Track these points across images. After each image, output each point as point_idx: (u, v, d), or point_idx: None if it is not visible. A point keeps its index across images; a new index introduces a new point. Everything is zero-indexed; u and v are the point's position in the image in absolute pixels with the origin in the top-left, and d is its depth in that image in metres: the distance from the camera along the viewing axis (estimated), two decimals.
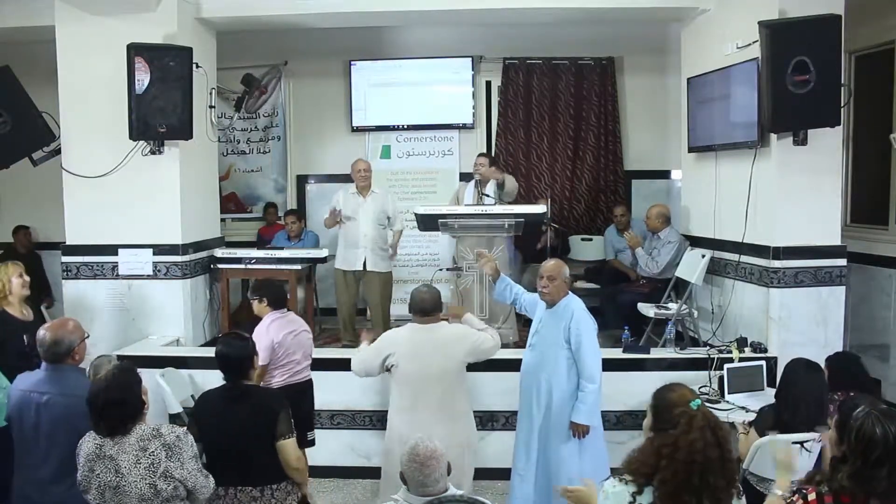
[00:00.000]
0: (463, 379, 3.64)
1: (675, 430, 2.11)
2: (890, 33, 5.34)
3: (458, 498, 2.34)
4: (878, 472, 2.01)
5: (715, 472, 2.06)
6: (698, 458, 2.06)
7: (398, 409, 3.59)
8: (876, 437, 2.01)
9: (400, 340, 3.59)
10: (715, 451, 2.07)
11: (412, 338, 3.57)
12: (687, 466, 2.05)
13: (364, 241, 5.59)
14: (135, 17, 4.97)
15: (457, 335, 3.62)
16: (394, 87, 6.89)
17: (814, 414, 3.23)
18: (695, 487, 2.05)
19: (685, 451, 2.06)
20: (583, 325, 3.64)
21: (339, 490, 4.53)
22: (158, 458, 2.46)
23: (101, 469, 2.46)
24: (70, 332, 2.98)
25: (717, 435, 2.10)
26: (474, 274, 5.12)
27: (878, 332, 5.40)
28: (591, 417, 3.63)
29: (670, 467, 2.07)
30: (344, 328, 5.79)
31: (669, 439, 2.10)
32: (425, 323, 3.58)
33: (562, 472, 3.62)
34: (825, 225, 4.69)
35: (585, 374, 3.61)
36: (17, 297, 4.00)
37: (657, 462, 2.10)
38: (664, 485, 2.07)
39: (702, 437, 2.07)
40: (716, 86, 5.13)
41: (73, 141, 5.06)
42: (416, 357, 3.51)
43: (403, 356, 3.52)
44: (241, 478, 2.84)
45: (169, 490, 2.47)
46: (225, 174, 7.00)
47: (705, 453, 2.06)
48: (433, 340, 3.54)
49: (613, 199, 6.81)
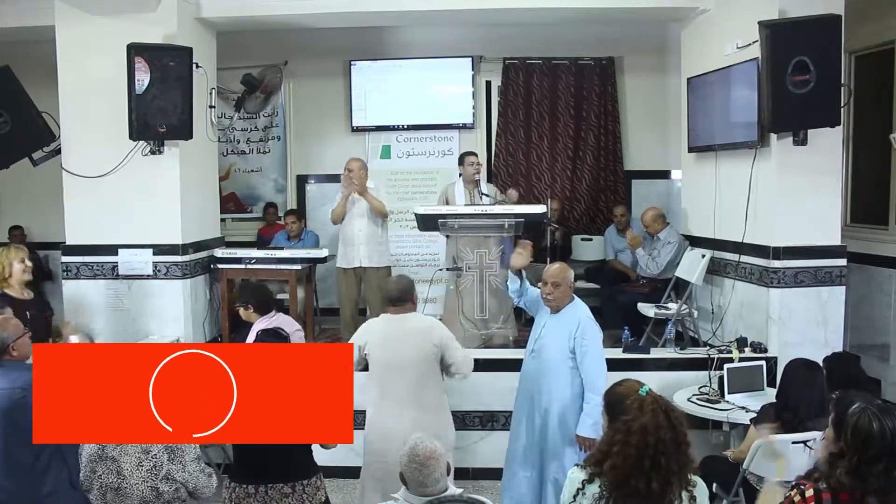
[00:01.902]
0: (436, 372, 3.54)
1: (626, 416, 2.13)
2: (890, 33, 5.34)
3: (457, 498, 2.34)
4: (875, 468, 2.02)
5: (668, 454, 2.07)
6: (650, 439, 2.07)
7: (369, 399, 3.55)
8: (873, 432, 2.02)
9: (371, 329, 3.59)
10: (668, 433, 2.09)
11: (384, 327, 3.56)
12: (639, 450, 2.07)
13: (360, 237, 5.60)
14: (135, 17, 4.96)
15: (427, 325, 3.58)
16: (394, 87, 6.89)
17: (814, 413, 3.24)
18: (645, 470, 2.06)
19: (638, 434, 2.08)
20: (588, 336, 3.57)
21: (339, 490, 4.52)
22: (161, 460, 2.47)
23: (102, 470, 2.46)
24: (4, 330, 2.94)
25: (669, 417, 2.11)
26: (474, 274, 5.12)
27: (878, 332, 5.39)
28: (597, 430, 3.56)
29: (622, 452, 2.09)
30: (345, 327, 5.79)
31: (622, 425, 2.13)
32: (396, 312, 3.57)
33: (559, 480, 3.59)
34: (825, 225, 4.69)
35: (590, 386, 3.52)
36: (18, 281, 4.01)
37: (609, 449, 2.12)
38: (614, 469, 2.09)
39: (653, 419, 2.09)
40: (716, 86, 5.13)
41: (73, 141, 5.06)
42: (386, 346, 3.49)
43: (375, 345, 3.50)
44: (272, 475, 2.79)
45: (171, 492, 2.48)
46: (225, 174, 7.00)
47: (658, 435, 2.08)
48: (403, 329, 3.51)
49: (613, 199, 6.80)
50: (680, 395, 4.33)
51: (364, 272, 5.65)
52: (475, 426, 4.66)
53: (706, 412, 4.12)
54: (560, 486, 3.52)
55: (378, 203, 5.56)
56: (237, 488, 2.78)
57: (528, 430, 3.70)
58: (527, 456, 3.69)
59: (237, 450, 2.80)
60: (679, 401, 4.23)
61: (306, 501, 2.81)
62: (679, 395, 4.33)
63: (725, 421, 4.05)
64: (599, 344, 3.64)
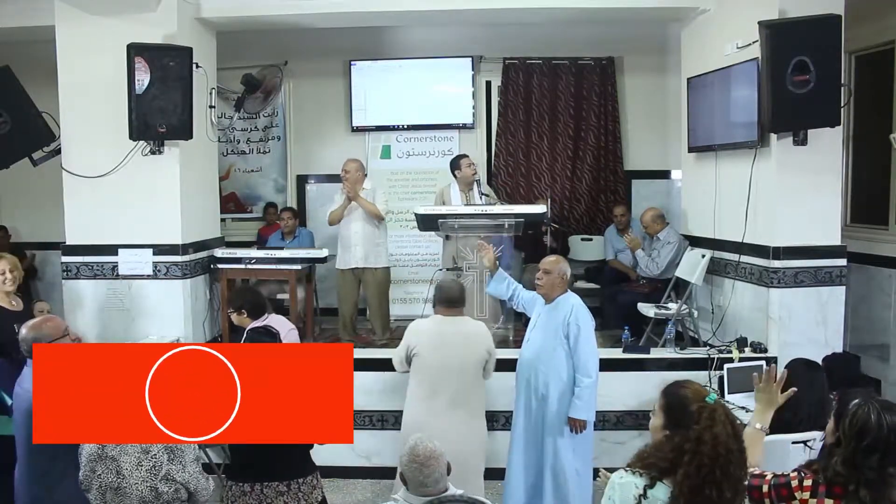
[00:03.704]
0: (480, 378, 3.66)
1: (697, 426, 2.10)
2: (890, 33, 5.33)
3: (458, 498, 2.34)
4: (870, 460, 2.06)
5: (735, 463, 2.08)
6: (722, 450, 2.06)
7: (414, 398, 3.60)
8: (870, 423, 2.07)
9: (423, 330, 3.63)
10: (735, 443, 2.09)
11: (436, 329, 3.60)
12: (712, 460, 2.05)
13: (356, 238, 5.61)
14: (135, 17, 4.97)
15: (482, 331, 3.68)
16: (394, 88, 6.89)
17: (815, 413, 3.23)
18: (717, 479, 2.05)
19: (710, 444, 2.06)
20: (581, 320, 3.65)
21: (339, 490, 4.53)
22: (160, 460, 2.46)
23: (102, 470, 2.46)
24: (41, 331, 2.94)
25: (734, 427, 2.12)
26: (474, 274, 5.12)
27: (878, 332, 5.39)
28: (588, 412, 3.63)
29: (694, 461, 2.06)
30: (343, 328, 5.79)
31: (693, 434, 2.09)
32: (450, 315, 3.60)
33: (556, 464, 3.63)
34: (825, 225, 4.69)
35: (581, 369, 3.62)
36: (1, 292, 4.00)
37: (679, 458, 2.09)
38: (688, 478, 2.06)
39: (724, 430, 2.08)
40: (716, 86, 5.13)
41: (73, 141, 5.06)
42: (439, 347, 3.53)
43: (425, 345, 3.54)
44: (268, 473, 2.79)
45: (170, 493, 2.47)
46: (225, 174, 7.00)
47: (728, 445, 2.08)
48: (457, 333, 3.58)
49: (613, 199, 6.80)
50: None
51: (362, 273, 5.66)
52: None
53: None
54: (557, 473, 3.56)
55: (371, 206, 5.55)
56: (233, 486, 2.79)
57: (525, 415, 3.78)
58: (527, 442, 3.76)
59: (234, 448, 2.81)
60: None
61: (302, 500, 2.81)
62: None
63: None
64: (591, 329, 3.72)
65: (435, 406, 3.50)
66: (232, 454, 2.81)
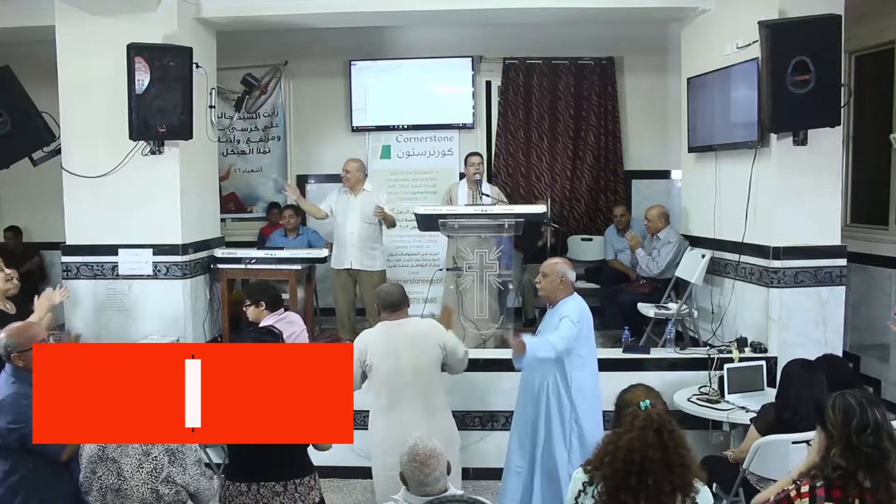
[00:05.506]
0: (439, 374, 3.56)
1: (619, 429, 2.13)
2: (890, 33, 5.33)
3: (457, 498, 2.34)
4: (864, 438, 2.12)
5: (655, 475, 2.04)
6: (636, 457, 2.05)
7: (376, 410, 3.53)
8: (851, 405, 2.17)
9: (371, 339, 3.55)
10: (656, 453, 2.05)
11: (383, 335, 3.53)
12: (626, 465, 2.05)
13: (351, 239, 5.61)
14: (135, 17, 4.96)
15: (427, 328, 3.59)
16: (394, 88, 6.88)
17: (814, 413, 3.23)
18: (632, 486, 2.04)
19: (624, 449, 2.07)
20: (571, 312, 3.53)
21: (339, 490, 4.53)
22: (161, 462, 2.46)
23: (102, 471, 2.46)
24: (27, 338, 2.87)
25: (661, 436, 2.07)
26: (474, 274, 5.12)
27: (878, 332, 5.39)
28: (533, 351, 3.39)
29: (610, 465, 2.09)
30: (341, 327, 5.79)
31: (613, 436, 2.13)
32: (395, 318, 3.56)
33: (550, 466, 3.61)
34: (825, 225, 4.69)
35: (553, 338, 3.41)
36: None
37: (602, 458, 2.12)
38: (605, 480, 2.09)
39: (640, 438, 2.06)
40: (716, 86, 5.13)
41: (73, 141, 5.06)
42: (389, 353, 3.47)
43: (377, 354, 3.47)
44: (265, 473, 2.78)
45: (171, 495, 2.47)
46: (225, 174, 7.00)
47: (644, 454, 2.05)
48: (404, 335, 3.50)
49: (613, 199, 6.80)
50: (680, 395, 4.34)
51: (357, 274, 5.66)
52: (475, 426, 4.66)
53: (706, 412, 4.12)
54: (551, 473, 3.55)
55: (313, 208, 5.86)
56: (230, 486, 2.79)
57: (522, 415, 3.75)
58: (521, 442, 3.73)
59: (232, 448, 2.80)
60: (679, 401, 4.24)
61: (298, 500, 2.80)
62: (679, 395, 4.33)
63: (725, 421, 4.05)
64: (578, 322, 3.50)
65: (397, 417, 3.42)
66: (230, 453, 2.81)
